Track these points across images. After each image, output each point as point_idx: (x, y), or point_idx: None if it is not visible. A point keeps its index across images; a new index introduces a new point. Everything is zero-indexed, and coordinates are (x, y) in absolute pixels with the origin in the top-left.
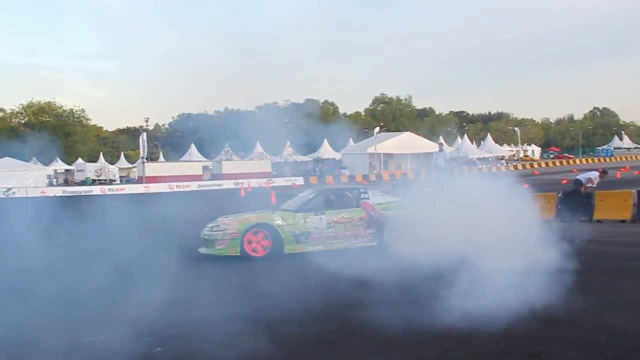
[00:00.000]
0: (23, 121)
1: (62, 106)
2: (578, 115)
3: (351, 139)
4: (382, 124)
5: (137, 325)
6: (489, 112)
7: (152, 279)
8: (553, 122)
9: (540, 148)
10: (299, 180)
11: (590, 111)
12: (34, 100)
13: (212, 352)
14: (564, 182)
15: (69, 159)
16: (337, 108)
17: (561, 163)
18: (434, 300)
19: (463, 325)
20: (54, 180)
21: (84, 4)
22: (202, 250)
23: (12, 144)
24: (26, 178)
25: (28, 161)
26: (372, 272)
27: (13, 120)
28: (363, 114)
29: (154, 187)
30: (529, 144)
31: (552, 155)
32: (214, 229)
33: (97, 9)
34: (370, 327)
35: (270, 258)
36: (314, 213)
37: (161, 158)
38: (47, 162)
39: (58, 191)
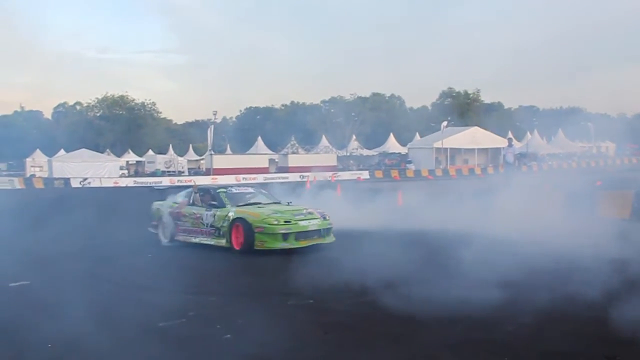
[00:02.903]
0: (98, 114)
1: (134, 99)
2: None
3: (417, 133)
4: (449, 118)
5: (207, 313)
6: (561, 107)
7: (217, 271)
8: (630, 116)
9: (615, 144)
10: (365, 174)
11: None
12: (108, 94)
13: (281, 343)
14: None
15: (140, 151)
16: (404, 102)
17: (637, 160)
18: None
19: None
20: (126, 171)
21: (157, 0)
22: (313, 241)
23: (88, 136)
24: (101, 169)
25: (102, 152)
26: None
27: (89, 113)
28: (430, 107)
29: (221, 179)
30: (603, 140)
31: (628, 152)
32: (327, 218)
33: (169, 5)
34: (432, 322)
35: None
36: None
37: (228, 150)
38: (119, 154)
39: (130, 182)
